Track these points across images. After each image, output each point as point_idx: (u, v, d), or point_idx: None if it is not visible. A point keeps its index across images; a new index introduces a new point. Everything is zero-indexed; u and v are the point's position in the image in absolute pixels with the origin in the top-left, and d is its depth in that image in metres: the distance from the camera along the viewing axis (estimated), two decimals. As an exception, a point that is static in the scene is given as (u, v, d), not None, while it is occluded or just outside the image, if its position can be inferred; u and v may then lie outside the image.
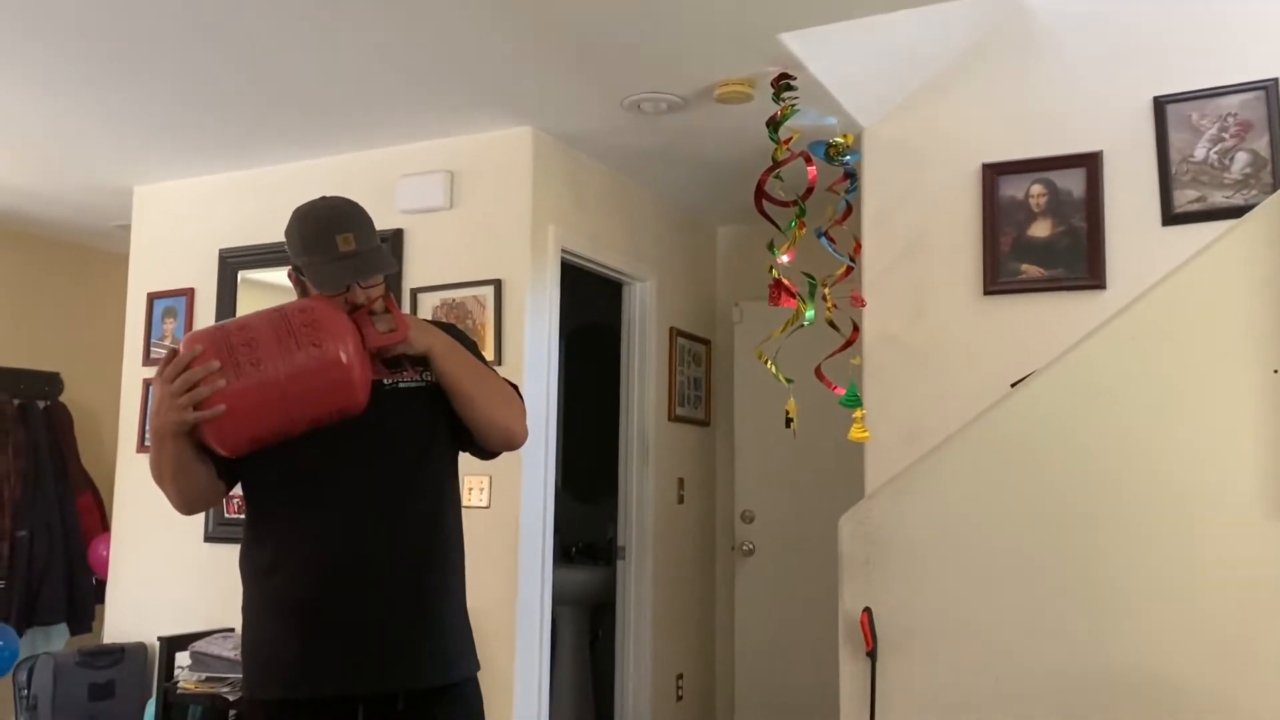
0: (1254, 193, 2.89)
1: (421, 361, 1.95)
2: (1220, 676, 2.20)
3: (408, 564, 1.91)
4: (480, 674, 2.03)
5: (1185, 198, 2.99)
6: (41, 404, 5.19)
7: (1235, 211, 2.82)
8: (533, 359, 3.73)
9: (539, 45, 3.08)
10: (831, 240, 3.29)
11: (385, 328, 1.90)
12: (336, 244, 1.86)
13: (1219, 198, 2.95)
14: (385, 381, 1.94)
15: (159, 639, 3.87)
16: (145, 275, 4.54)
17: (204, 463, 1.85)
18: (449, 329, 2.04)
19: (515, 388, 2.09)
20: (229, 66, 3.27)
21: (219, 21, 2.95)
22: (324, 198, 1.97)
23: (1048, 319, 3.10)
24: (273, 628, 1.89)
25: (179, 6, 2.86)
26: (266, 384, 1.77)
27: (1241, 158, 2.94)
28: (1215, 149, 2.97)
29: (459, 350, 1.98)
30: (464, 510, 2.09)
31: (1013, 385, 2.65)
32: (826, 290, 3.26)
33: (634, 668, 4.40)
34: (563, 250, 3.92)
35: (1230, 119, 2.95)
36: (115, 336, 4.70)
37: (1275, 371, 2.18)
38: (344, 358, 1.80)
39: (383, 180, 3.95)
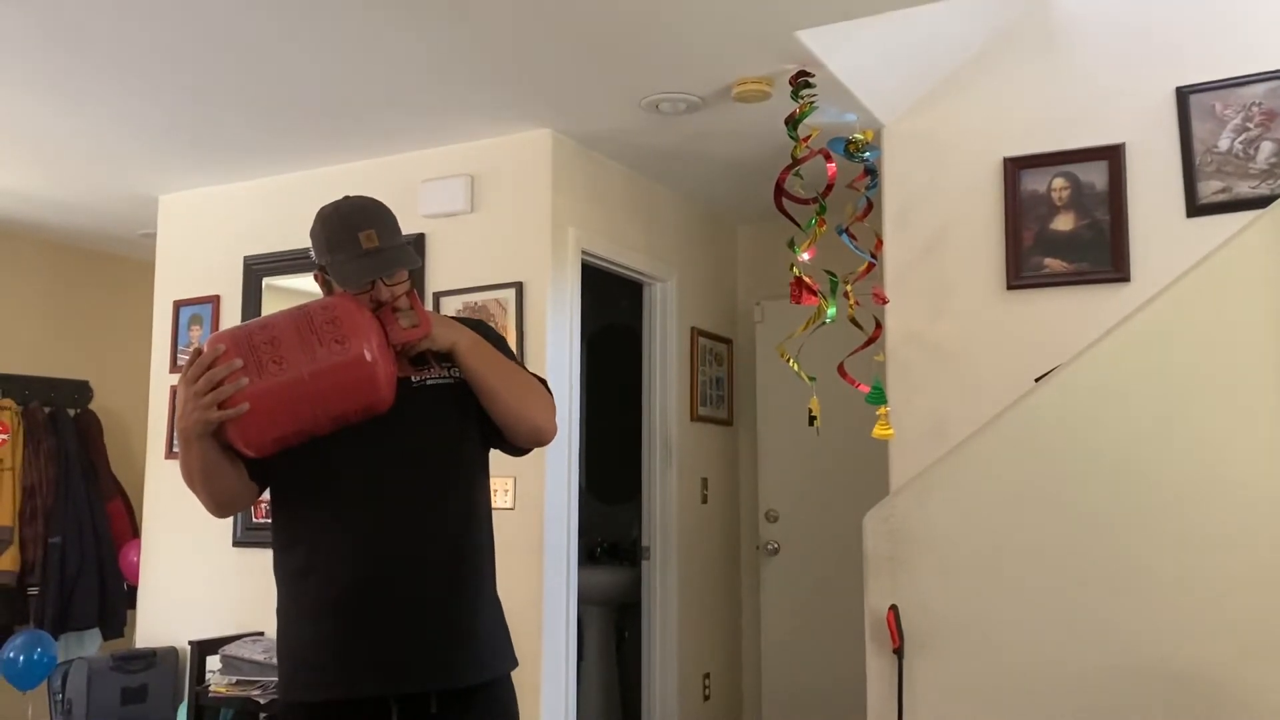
0: (1280, 182, 2.87)
1: (447, 358, 1.94)
2: (1250, 669, 2.18)
3: (440, 562, 1.90)
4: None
5: (1210, 189, 2.96)
6: (71, 412, 5.26)
7: (1261, 202, 2.79)
8: (554, 361, 3.74)
9: (557, 47, 3.09)
10: (852, 237, 3.28)
11: (409, 324, 1.89)
12: (360, 241, 1.86)
13: (1245, 188, 2.92)
14: (413, 379, 1.94)
15: (190, 643, 3.91)
16: (171, 283, 4.59)
17: (233, 464, 1.86)
18: (477, 325, 2.03)
19: (544, 382, 2.07)
20: (251, 75, 3.30)
21: (240, 30, 2.98)
22: (347, 197, 1.97)
23: (1071, 313, 3.08)
24: (307, 630, 1.89)
25: (200, 16, 2.89)
26: (289, 382, 1.76)
27: (1267, 147, 2.91)
28: (1240, 139, 2.94)
29: (484, 345, 1.97)
30: (489, 511, 2.09)
31: (1037, 380, 2.63)
32: (848, 287, 3.25)
33: (661, 667, 4.40)
34: (583, 252, 3.93)
35: (1255, 108, 2.92)
36: (143, 344, 4.76)
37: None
38: (367, 354, 1.79)
39: (404, 185, 3.98)
